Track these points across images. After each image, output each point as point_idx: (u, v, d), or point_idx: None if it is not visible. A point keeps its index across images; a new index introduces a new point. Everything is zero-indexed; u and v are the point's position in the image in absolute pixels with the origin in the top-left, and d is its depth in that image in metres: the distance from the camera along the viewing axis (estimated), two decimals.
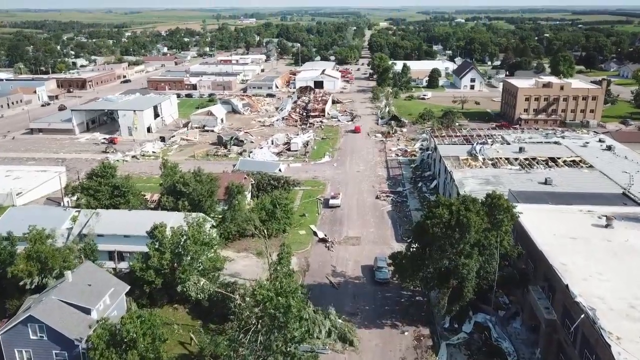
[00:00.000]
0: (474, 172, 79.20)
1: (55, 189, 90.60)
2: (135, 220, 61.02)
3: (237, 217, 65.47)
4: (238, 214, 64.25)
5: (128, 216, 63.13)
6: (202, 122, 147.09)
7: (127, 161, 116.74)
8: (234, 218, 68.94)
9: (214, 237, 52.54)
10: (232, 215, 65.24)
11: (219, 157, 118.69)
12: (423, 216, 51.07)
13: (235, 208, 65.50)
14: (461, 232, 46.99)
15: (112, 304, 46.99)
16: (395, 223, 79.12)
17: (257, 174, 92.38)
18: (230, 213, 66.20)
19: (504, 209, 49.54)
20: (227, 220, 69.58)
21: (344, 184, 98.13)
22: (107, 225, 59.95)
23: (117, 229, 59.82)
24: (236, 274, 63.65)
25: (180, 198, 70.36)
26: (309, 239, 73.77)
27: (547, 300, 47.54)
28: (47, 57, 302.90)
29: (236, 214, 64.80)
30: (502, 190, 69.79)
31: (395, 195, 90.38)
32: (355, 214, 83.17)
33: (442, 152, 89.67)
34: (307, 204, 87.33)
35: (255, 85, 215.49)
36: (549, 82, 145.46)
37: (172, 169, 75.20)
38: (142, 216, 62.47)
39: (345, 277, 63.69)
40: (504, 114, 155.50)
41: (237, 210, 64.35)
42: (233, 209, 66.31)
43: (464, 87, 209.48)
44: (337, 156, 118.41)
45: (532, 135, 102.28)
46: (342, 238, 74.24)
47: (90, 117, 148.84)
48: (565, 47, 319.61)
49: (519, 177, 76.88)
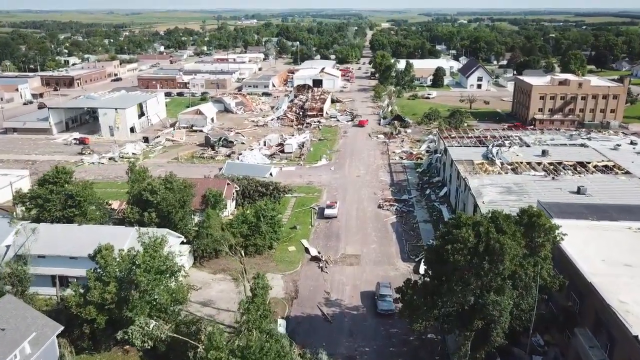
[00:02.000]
0: (492, 179, 68.08)
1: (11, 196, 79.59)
2: (86, 237, 49.99)
3: (207, 236, 54.31)
4: (209, 231, 53.07)
5: (77, 232, 52.06)
6: (191, 121, 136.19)
7: (103, 164, 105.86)
8: (211, 233, 57.93)
9: (175, 262, 41.46)
10: (207, 230, 54.16)
11: (204, 160, 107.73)
12: (439, 238, 39.97)
13: (204, 225, 54.33)
14: (492, 261, 35.91)
15: (34, 352, 35.97)
16: (401, 238, 68.01)
17: (244, 179, 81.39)
18: (204, 228, 55.15)
19: (545, 229, 38.48)
20: (202, 236, 58.67)
21: (342, 190, 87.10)
22: (48, 244, 49.00)
23: (61, 248, 48.87)
24: (209, 301, 52.67)
25: (147, 209, 59.51)
26: (299, 257, 62.68)
27: (602, 351, 36.47)
28: (36, 55, 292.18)
29: (207, 231, 53.64)
30: (529, 201, 58.75)
31: (400, 204, 79.29)
32: (354, 226, 72.08)
33: (453, 156, 78.60)
34: (300, 214, 76.25)
35: (251, 84, 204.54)
36: (565, 79, 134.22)
37: (140, 173, 64.27)
38: (95, 233, 51.46)
39: (341, 306, 52.60)
40: (516, 114, 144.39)
41: (207, 227, 53.18)
42: (203, 225, 55.20)
43: (470, 86, 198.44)
44: (335, 159, 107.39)
45: (553, 136, 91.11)
46: (339, 256, 63.13)
47: (70, 116, 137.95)
48: (573, 46, 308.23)
49: (545, 185, 65.73)
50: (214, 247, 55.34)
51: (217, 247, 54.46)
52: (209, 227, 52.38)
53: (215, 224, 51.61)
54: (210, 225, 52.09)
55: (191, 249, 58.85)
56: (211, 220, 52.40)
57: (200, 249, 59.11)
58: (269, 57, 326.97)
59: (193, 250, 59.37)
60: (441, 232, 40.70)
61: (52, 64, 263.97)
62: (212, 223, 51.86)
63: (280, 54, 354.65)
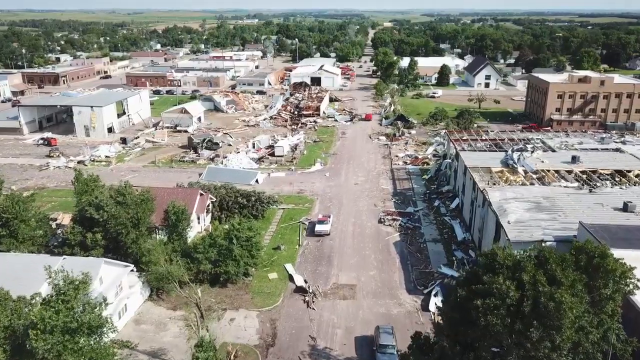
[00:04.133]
0: (516, 191, 56.39)
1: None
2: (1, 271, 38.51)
3: (148, 272, 42.63)
4: (150, 267, 41.45)
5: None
6: (175, 121, 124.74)
7: (70, 168, 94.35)
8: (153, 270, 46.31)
9: (98, 314, 29.92)
10: (148, 265, 42.49)
11: (185, 164, 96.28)
12: (463, 285, 28.33)
13: (143, 259, 42.50)
14: (544, 327, 24.40)
15: None
16: (406, 261, 56.41)
17: (222, 187, 69.83)
18: (144, 263, 43.44)
19: (615, 276, 26.96)
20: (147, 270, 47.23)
21: (337, 201, 75.49)
22: None
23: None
24: (160, 351, 41.08)
25: (94, 228, 48.09)
26: (281, 288, 51.11)
27: None
28: (25, 51, 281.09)
29: (148, 267, 41.99)
30: (567, 222, 47.25)
31: (404, 219, 67.61)
32: (350, 246, 60.49)
33: (467, 162, 66.94)
34: (286, 231, 64.70)
35: (246, 82, 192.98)
36: (585, 76, 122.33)
37: (87, 183, 52.74)
38: (12, 264, 39.94)
39: (330, 358, 41.04)
40: (530, 114, 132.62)
41: (147, 263, 41.54)
42: (148, 255, 43.51)
43: (477, 85, 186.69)
44: (331, 163, 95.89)
45: (581, 139, 79.35)
46: (330, 287, 51.53)
47: (44, 115, 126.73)
48: (584, 44, 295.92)
49: (582, 199, 54.05)
50: (157, 286, 43.73)
51: (161, 285, 42.85)
52: (149, 261, 40.82)
53: (158, 257, 40.03)
54: (150, 260, 40.50)
55: (145, 279, 47.26)
56: (152, 255, 40.71)
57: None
58: (267, 55, 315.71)
59: (147, 280, 47.80)
60: (466, 276, 29.19)
61: (39, 60, 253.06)
62: (153, 257, 40.23)
63: (279, 52, 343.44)
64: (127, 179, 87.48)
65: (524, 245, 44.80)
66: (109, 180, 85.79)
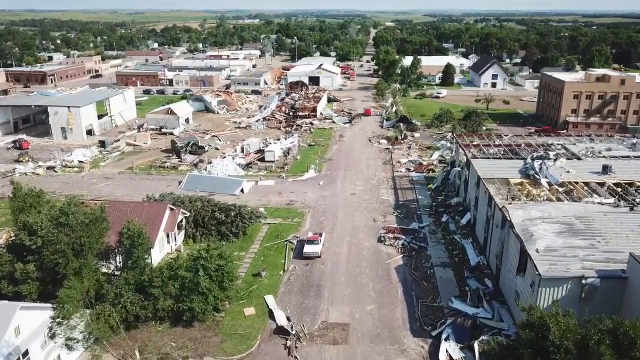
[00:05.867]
0: (541, 209, 47.12)
1: None
2: None
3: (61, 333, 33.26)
4: (61, 326, 32.06)
5: None
6: (160, 122, 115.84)
7: (38, 174, 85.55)
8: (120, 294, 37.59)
9: None
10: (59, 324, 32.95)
11: (165, 170, 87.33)
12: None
13: (56, 315, 32.79)
14: None
15: None
16: (410, 292, 47.31)
17: (198, 200, 60.80)
18: (54, 318, 33.90)
19: None
20: (109, 299, 38.42)
21: (331, 215, 66.39)
22: None
23: None
24: None
25: (25, 258, 39.15)
26: (258, 327, 42.04)
27: None
28: (15, 50, 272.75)
29: (57, 328, 32.41)
30: (610, 251, 38.26)
31: (407, 237, 58.48)
32: (343, 272, 51.37)
33: (480, 171, 57.75)
34: (269, 251, 55.64)
35: (241, 81, 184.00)
36: (604, 75, 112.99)
37: (25, 199, 43.74)
38: None
39: None
40: (542, 116, 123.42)
41: (57, 317, 32.18)
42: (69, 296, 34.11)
43: (484, 85, 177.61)
44: (327, 170, 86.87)
45: (609, 144, 70.12)
46: (317, 326, 42.42)
47: (20, 116, 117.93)
48: (594, 43, 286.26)
49: (621, 219, 44.77)
50: (70, 344, 34.52)
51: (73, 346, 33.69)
52: (59, 316, 31.50)
53: (73, 308, 30.75)
54: (64, 315, 31.26)
55: (92, 319, 38.24)
56: (64, 310, 31.31)
57: (106, 319, 38.61)
58: (266, 54, 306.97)
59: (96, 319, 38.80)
60: (500, 352, 20.13)
61: (29, 59, 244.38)
62: (66, 312, 30.96)
63: (278, 52, 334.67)
64: (99, 186, 79.33)
65: (558, 283, 36.00)
66: (77, 189, 77.73)
